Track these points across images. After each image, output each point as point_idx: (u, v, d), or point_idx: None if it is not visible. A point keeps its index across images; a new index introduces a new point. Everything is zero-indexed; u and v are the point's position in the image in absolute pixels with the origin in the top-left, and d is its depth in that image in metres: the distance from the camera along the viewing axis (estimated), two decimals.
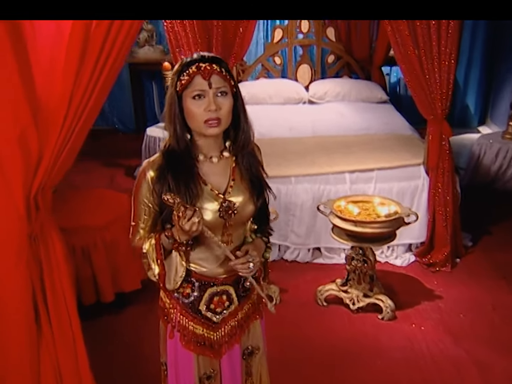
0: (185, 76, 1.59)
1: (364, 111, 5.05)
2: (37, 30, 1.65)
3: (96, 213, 3.29)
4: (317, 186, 3.81)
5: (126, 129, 6.97)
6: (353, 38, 5.64)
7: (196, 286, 1.76)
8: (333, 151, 4.10)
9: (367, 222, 3.13)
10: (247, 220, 1.77)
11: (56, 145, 1.76)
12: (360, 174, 3.86)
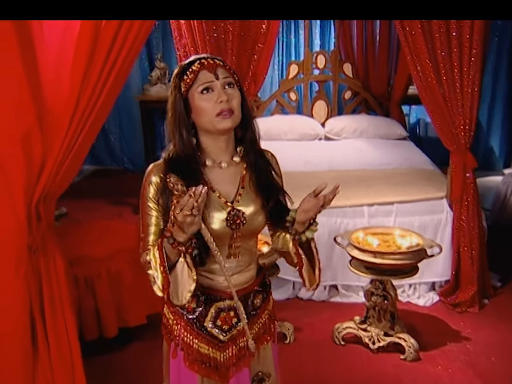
0: (189, 75, 1.58)
1: (383, 147, 5.06)
2: (46, 29, 1.69)
3: (101, 243, 3.27)
4: (333, 220, 3.77)
5: (136, 168, 7.04)
6: (371, 74, 5.74)
7: (201, 300, 1.70)
8: (351, 185, 4.07)
9: (387, 253, 3.06)
10: (257, 232, 1.73)
11: (61, 149, 1.76)
12: (379, 207, 3.82)
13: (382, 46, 5.63)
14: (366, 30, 5.67)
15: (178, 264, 1.53)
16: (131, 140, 7.08)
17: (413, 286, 3.86)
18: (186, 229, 1.45)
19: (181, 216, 1.41)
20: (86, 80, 1.71)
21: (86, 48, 1.68)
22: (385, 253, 3.06)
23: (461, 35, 3.37)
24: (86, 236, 3.33)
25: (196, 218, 1.42)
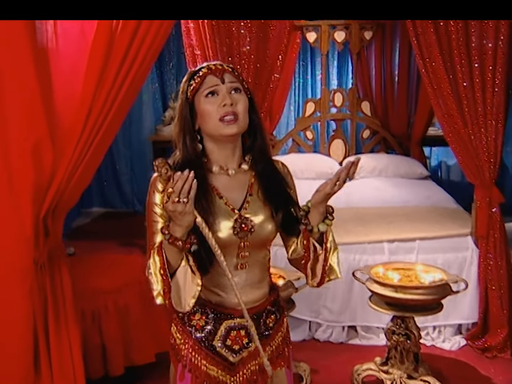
0: (196, 79, 1.62)
1: (403, 186, 5.05)
2: (60, 37, 1.75)
3: (108, 276, 3.27)
4: (352, 256, 3.74)
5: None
6: (390, 112, 5.80)
7: (210, 317, 1.68)
8: (369, 221, 4.06)
9: (409, 287, 3.01)
10: (266, 243, 1.71)
11: (72, 159, 1.79)
12: (400, 244, 3.79)
13: (401, 84, 5.70)
14: (385, 67, 5.77)
15: (181, 268, 1.51)
16: (143, 182, 7.14)
17: (438, 328, 3.78)
18: (179, 221, 1.43)
19: (170, 205, 1.39)
20: (99, 87, 1.75)
21: (101, 55, 1.73)
22: (407, 287, 3.01)
23: (483, 65, 3.40)
24: (93, 269, 3.33)
25: (187, 207, 1.40)
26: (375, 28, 5.52)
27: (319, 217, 1.61)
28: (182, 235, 1.46)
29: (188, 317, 1.70)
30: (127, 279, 3.22)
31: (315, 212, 1.61)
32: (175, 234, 1.46)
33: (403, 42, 5.52)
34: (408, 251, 3.76)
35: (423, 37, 3.47)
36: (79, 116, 1.77)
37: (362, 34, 5.51)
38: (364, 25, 5.50)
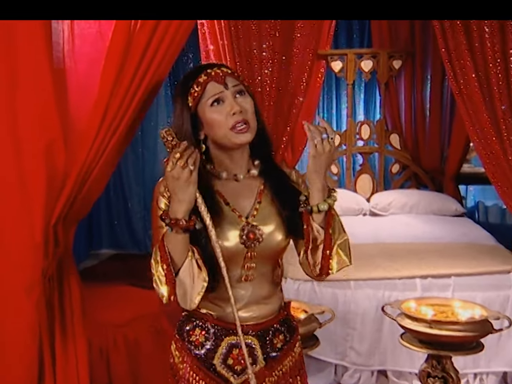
0: (196, 88, 1.61)
1: (436, 223, 5.03)
2: (76, 34, 1.82)
3: (118, 308, 3.28)
4: (381, 293, 3.70)
5: None
6: (421, 146, 5.81)
7: (211, 333, 1.66)
8: (400, 256, 4.03)
9: (446, 322, 2.95)
10: (275, 254, 1.69)
11: (85, 163, 1.83)
12: (434, 280, 3.74)
13: (433, 115, 5.72)
14: (415, 98, 5.81)
15: (186, 263, 1.50)
16: None
17: (479, 376, 3.68)
18: (182, 193, 1.44)
19: (176, 171, 1.42)
20: (116, 89, 1.80)
21: (118, 55, 1.79)
22: (443, 322, 2.95)
23: None
24: (101, 301, 3.32)
25: (192, 176, 1.43)
26: (405, 56, 5.60)
27: (318, 195, 1.58)
28: (184, 214, 1.46)
29: (187, 332, 1.69)
30: (138, 312, 3.22)
31: (313, 190, 1.58)
32: (176, 215, 1.46)
33: (434, 71, 5.59)
34: (442, 288, 3.71)
35: (456, 59, 3.52)
36: (94, 118, 1.81)
37: (390, 63, 5.59)
38: (393, 53, 5.59)
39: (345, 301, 3.69)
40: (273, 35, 3.93)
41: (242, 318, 1.63)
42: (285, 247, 1.70)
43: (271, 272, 1.71)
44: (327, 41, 5.30)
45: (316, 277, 1.67)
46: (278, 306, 1.74)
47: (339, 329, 3.59)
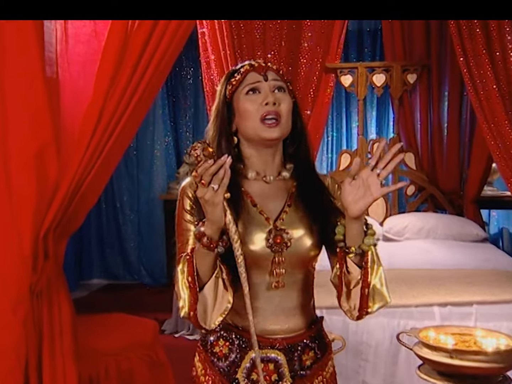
0: (236, 76, 1.70)
1: (456, 248, 5.01)
2: (70, 34, 1.86)
3: (110, 336, 3.26)
4: (396, 321, 3.68)
5: (154, 283, 7.07)
6: (439, 165, 5.82)
7: (236, 345, 1.68)
8: (417, 283, 4.02)
9: (468, 352, 2.93)
10: (305, 261, 1.71)
11: (78, 169, 1.85)
12: (454, 308, 3.72)
13: (451, 133, 5.74)
14: (432, 114, 5.85)
15: (212, 280, 1.52)
16: (152, 249, 7.19)
17: None
18: (208, 214, 1.45)
19: (199, 189, 1.42)
20: (111, 92, 1.83)
21: (114, 56, 1.82)
22: (465, 352, 2.93)
23: None
24: (93, 328, 3.32)
25: (217, 196, 1.41)
26: (420, 70, 5.65)
27: (356, 236, 1.56)
28: (212, 233, 1.48)
29: (211, 343, 1.71)
30: (131, 340, 3.21)
31: (350, 230, 1.56)
32: (205, 230, 1.48)
33: (452, 85, 5.62)
34: (464, 316, 3.68)
35: (476, 68, 3.56)
36: (88, 121, 1.84)
37: (404, 76, 5.64)
38: (407, 66, 5.64)
39: (357, 331, 3.66)
40: (279, 44, 3.99)
41: (270, 331, 1.66)
42: (315, 255, 1.71)
43: (302, 280, 1.72)
44: (337, 54, 5.31)
45: (355, 319, 1.68)
46: (309, 319, 1.75)
47: (351, 361, 3.56)
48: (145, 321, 3.46)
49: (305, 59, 4.22)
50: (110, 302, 6.55)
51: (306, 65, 4.22)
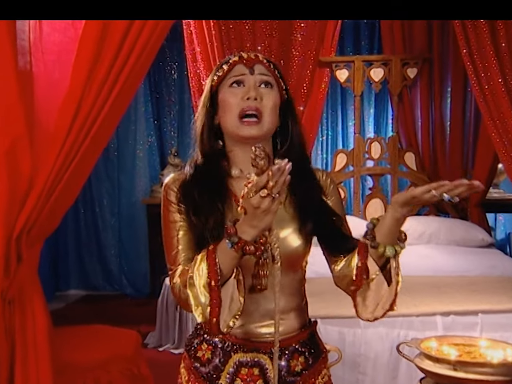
0: (224, 68, 1.72)
1: (460, 254, 5.04)
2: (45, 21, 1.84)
3: (89, 349, 3.27)
4: (396, 332, 3.69)
5: (137, 293, 7.03)
6: (441, 166, 5.85)
7: (218, 348, 1.69)
8: (418, 291, 4.04)
9: (473, 364, 2.94)
10: (294, 262, 1.72)
11: (54, 168, 1.84)
12: (458, 318, 3.73)
13: (454, 131, 5.77)
14: (433, 111, 5.88)
15: (230, 281, 1.51)
16: (134, 257, 7.15)
17: None
18: (257, 220, 1.43)
19: (256, 199, 1.39)
20: (90, 82, 1.83)
21: (92, 44, 1.82)
22: (470, 364, 2.94)
23: None
24: (70, 340, 3.31)
25: (274, 205, 1.40)
26: (421, 63, 5.67)
27: (388, 236, 1.59)
28: (252, 239, 1.47)
29: (194, 348, 1.73)
30: (111, 353, 3.21)
31: (385, 227, 1.59)
32: (245, 236, 1.46)
33: (455, 80, 5.66)
34: (468, 326, 3.70)
35: (480, 61, 3.58)
36: (64, 115, 1.83)
37: (404, 71, 5.66)
38: (407, 60, 5.66)
39: (354, 342, 3.67)
40: (269, 35, 3.99)
41: (255, 334, 1.68)
42: (303, 255, 1.72)
43: (289, 282, 1.72)
44: (331, 46, 5.32)
45: (372, 320, 1.73)
46: (299, 323, 1.76)
47: (348, 374, 3.56)
48: (126, 332, 3.46)
49: (297, 52, 4.23)
50: (89, 315, 6.52)
51: (298, 58, 4.23)
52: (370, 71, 5.69)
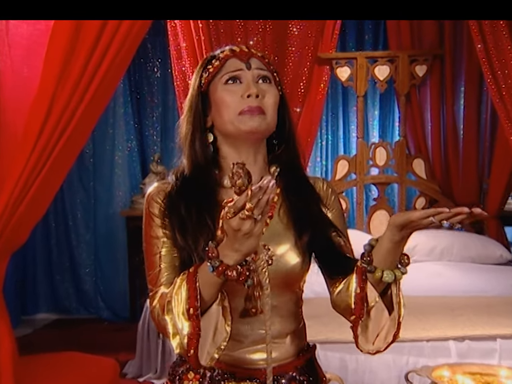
0: (214, 63, 1.70)
1: (475, 272, 5.06)
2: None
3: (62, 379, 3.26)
4: (404, 359, 3.69)
5: (115, 318, 6.99)
6: (453, 174, 5.86)
7: (207, 378, 1.68)
8: (429, 313, 4.06)
9: None
10: (292, 282, 1.72)
11: (22, 176, 1.84)
12: (474, 343, 3.74)
13: (468, 135, 5.77)
14: (445, 112, 5.89)
15: (213, 308, 1.49)
16: (111, 276, 7.11)
17: None
18: (238, 244, 1.41)
19: (236, 221, 1.36)
20: (63, 79, 1.82)
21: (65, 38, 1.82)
22: None
23: None
24: (39, 369, 3.30)
25: (256, 227, 1.38)
26: (431, 60, 5.68)
27: (387, 259, 1.58)
28: (235, 264, 1.44)
29: (180, 378, 1.72)
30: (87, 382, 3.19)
31: (383, 250, 1.58)
32: (227, 260, 1.44)
33: (469, 78, 5.66)
34: (485, 353, 3.70)
35: (496, 58, 3.60)
36: (34, 118, 1.83)
37: (412, 68, 5.68)
38: (416, 57, 5.68)
39: (357, 369, 3.66)
40: (263, 29, 3.99)
41: (249, 360, 1.67)
42: (302, 274, 1.72)
43: (287, 304, 1.73)
44: (332, 41, 5.34)
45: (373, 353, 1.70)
46: (297, 347, 1.76)
47: None
48: (103, 360, 3.45)
49: (294, 47, 4.24)
50: (60, 341, 6.47)
51: (295, 54, 4.24)
52: (375, 69, 5.70)
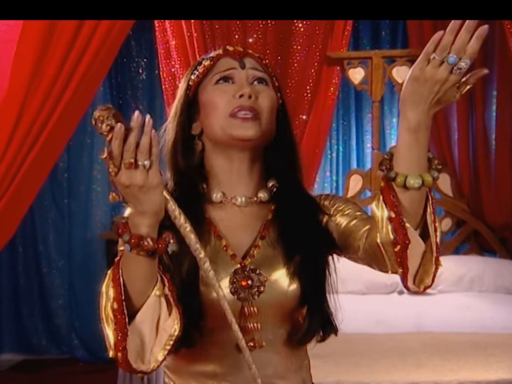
0: (204, 63, 1.75)
1: (510, 304, 5.05)
2: None
3: None
4: None
5: (92, 356, 6.96)
6: (484, 191, 5.86)
7: None
8: (456, 353, 4.05)
9: None
10: (288, 311, 1.72)
11: None
12: None
13: (501, 146, 5.77)
14: (474, 122, 5.90)
15: (149, 301, 1.48)
16: (87, 309, 7.01)
17: None
18: (140, 203, 1.36)
19: (123, 175, 1.30)
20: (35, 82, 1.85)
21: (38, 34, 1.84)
22: None
23: None
24: None
25: (151, 175, 1.32)
26: None
27: (410, 162, 1.42)
28: (149, 230, 1.40)
29: None
30: None
31: (403, 148, 1.42)
32: (139, 230, 1.40)
33: (502, 81, 5.66)
34: None
35: None
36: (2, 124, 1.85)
37: None
38: None
39: None
40: (264, 25, 4.00)
41: None
42: (300, 300, 1.70)
43: (286, 337, 1.74)
44: (343, 39, 5.35)
45: (423, 290, 1.60)
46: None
47: None
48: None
49: (299, 46, 4.26)
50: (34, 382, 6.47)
51: (301, 53, 4.27)
52: (392, 70, 5.68)
